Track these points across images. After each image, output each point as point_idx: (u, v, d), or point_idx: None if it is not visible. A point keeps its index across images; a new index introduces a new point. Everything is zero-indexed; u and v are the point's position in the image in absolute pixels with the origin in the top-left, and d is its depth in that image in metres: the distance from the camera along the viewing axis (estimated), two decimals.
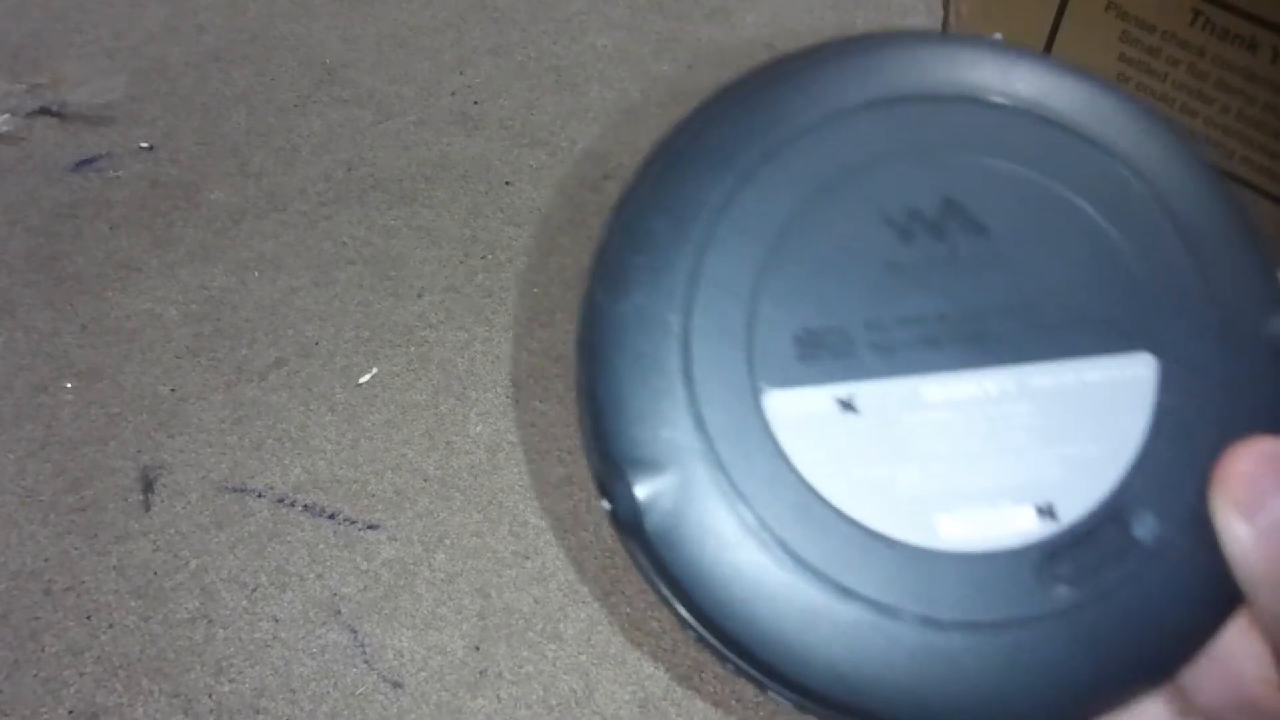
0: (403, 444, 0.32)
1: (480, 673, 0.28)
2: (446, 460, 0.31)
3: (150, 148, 0.38)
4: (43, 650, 0.28)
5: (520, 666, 0.28)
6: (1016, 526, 0.15)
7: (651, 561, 0.15)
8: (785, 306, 0.16)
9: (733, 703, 0.27)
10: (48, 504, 0.31)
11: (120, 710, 0.27)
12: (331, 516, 0.30)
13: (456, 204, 0.36)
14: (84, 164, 0.38)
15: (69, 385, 0.33)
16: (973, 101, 0.17)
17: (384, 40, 0.41)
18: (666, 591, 0.15)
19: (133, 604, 0.29)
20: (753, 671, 0.15)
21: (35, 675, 0.28)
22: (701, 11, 0.41)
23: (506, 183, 0.37)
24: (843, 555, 0.14)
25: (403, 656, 0.28)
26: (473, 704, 0.27)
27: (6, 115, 0.39)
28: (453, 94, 0.39)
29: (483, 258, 0.35)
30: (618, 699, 0.27)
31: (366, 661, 0.28)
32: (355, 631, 0.28)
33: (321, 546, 0.30)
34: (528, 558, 0.30)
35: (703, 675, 0.28)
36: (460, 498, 0.31)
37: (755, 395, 0.15)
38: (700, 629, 0.15)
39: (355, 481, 0.31)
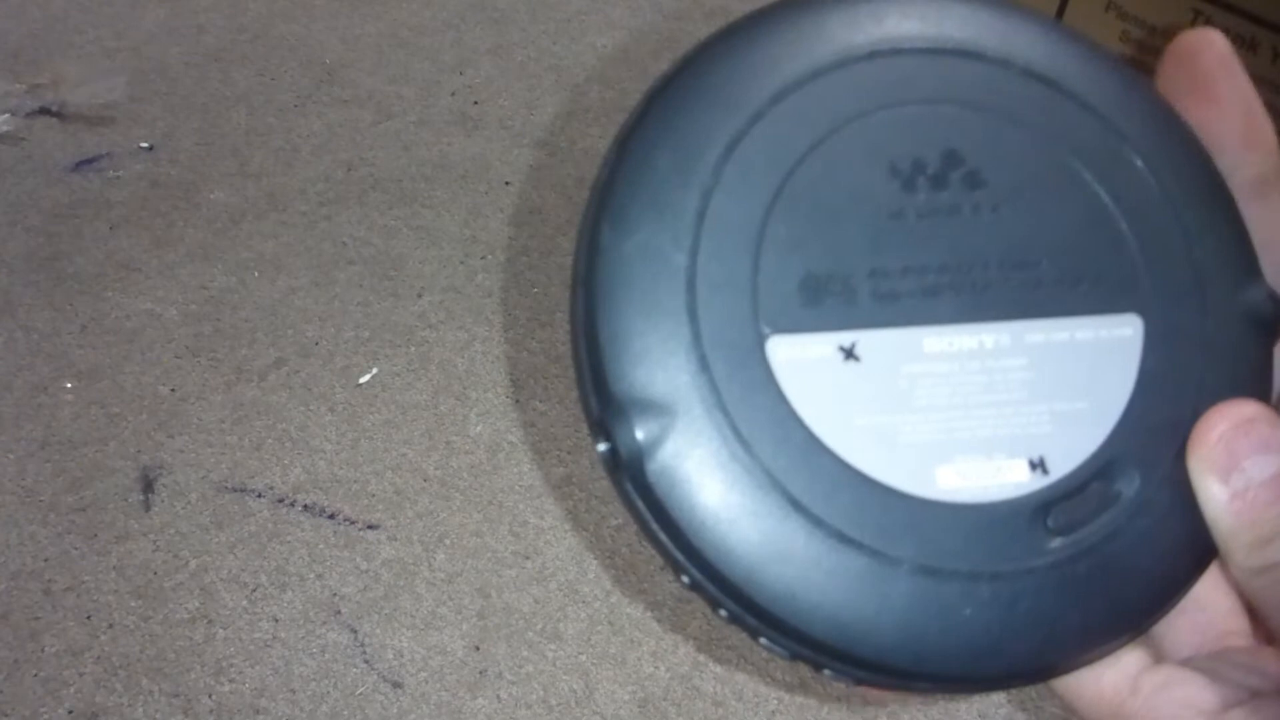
0: (403, 444, 0.32)
1: (480, 673, 0.28)
2: (446, 460, 0.31)
3: (150, 148, 0.38)
4: (43, 650, 0.28)
5: (520, 666, 0.28)
6: (1010, 479, 0.15)
7: (649, 504, 0.15)
8: (790, 251, 0.15)
9: (733, 702, 0.27)
10: (48, 504, 0.31)
11: (120, 710, 0.27)
12: (331, 516, 0.30)
13: (456, 204, 0.36)
14: (84, 164, 0.38)
15: (69, 385, 0.33)
16: (977, 58, 0.17)
17: (384, 40, 0.41)
18: (662, 535, 0.15)
19: (133, 604, 0.29)
20: (747, 618, 0.15)
21: (35, 675, 0.28)
22: (701, 11, 0.41)
23: (506, 183, 0.37)
24: (843, 502, 0.14)
25: (403, 656, 0.28)
26: (473, 704, 0.27)
27: (6, 115, 0.39)
28: (453, 94, 0.39)
29: (483, 258, 0.35)
30: (618, 699, 0.27)
31: (366, 661, 0.28)
32: (355, 631, 0.28)
33: (321, 546, 0.30)
34: (528, 558, 0.30)
35: (702, 675, 0.28)
36: (460, 498, 0.31)
37: (759, 340, 0.15)
38: (695, 573, 0.15)
39: (355, 481, 0.31)
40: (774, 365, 0.15)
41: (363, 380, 0.33)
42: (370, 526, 0.30)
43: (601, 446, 0.15)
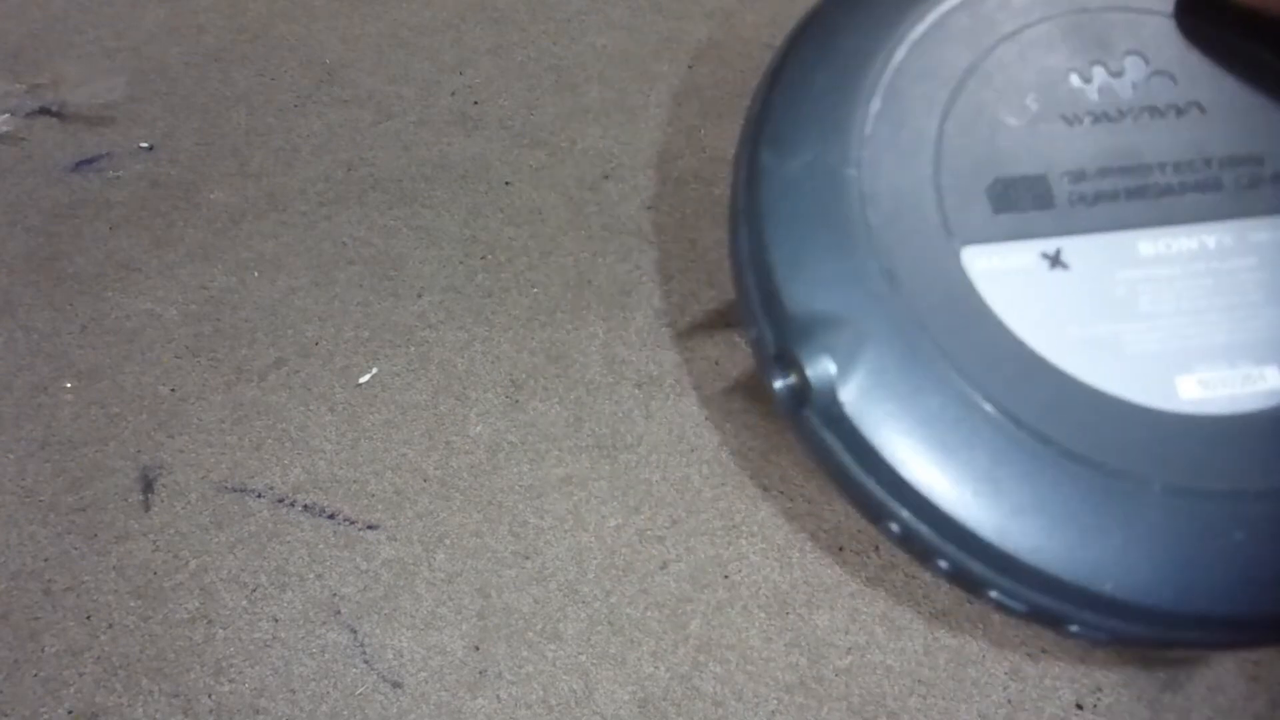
0: (402, 444, 0.32)
1: (480, 673, 0.28)
2: (446, 460, 0.31)
3: (150, 148, 0.38)
4: (42, 650, 0.28)
5: (520, 666, 0.28)
6: (1263, 386, 0.13)
7: (845, 439, 0.13)
8: (973, 156, 0.14)
9: (733, 702, 0.27)
10: (48, 504, 0.31)
11: (120, 710, 0.27)
12: (331, 516, 0.30)
13: (456, 204, 0.36)
14: (84, 164, 0.38)
15: (69, 385, 0.33)
16: None
17: (384, 40, 0.41)
18: (863, 474, 0.13)
19: (133, 604, 0.29)
20: (972, 564, 0.13)
21: (35, 675, 0.28)
22: (701, 11, 0.41)
23: (506, 183, 0.37)
24: (1074, 419, 0.13)
25: (402, 656, 0.28)
26: (473, 704, 0.27)
27: (6, 115, 0.39)
28: (453, 94, 0.39)
29: (483, 258, 0.35)
30: (618, 699, 0.27)
31: (366, 661, 0.28)
32: (355, 631, 0.28)
33: (321, 546, 0.30)
34: (528, 558, 0.30)
35: (702, 675, 0.28)
36: (460, 498, 0.31)
37: (953, 250, 0.14)
38: (907, 516, 0.13)
39: (355, 481, 0.31)
40: (971, 275, 0.13)
41: (363, 380, 0.33)
42: (370, 526, 0.30)
43: (780, 383, 0.13)
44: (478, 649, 0.28)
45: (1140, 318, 0.13)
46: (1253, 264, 0.14)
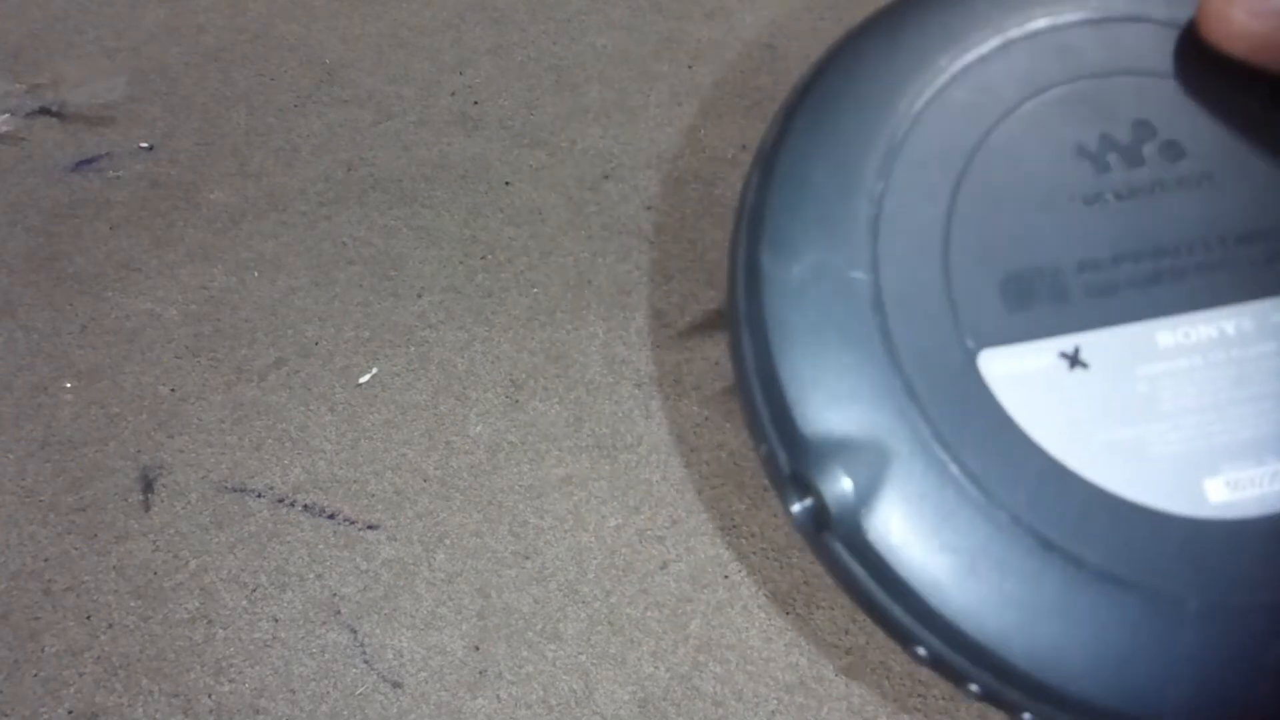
0: (402, 444, 0.32)
1: (480, 673, 0.28)
2: (446, 460, 0.31)
3: (150, 148, 0.38)
4: (42, 650, 0.28)
5: (520, 666, 0.28)
6: None
7: (868, 565, 0.13)
8: (983, 252, 0.13)
9: (733, 702, 0.27)
10: (48, 504, 0.31)
11: (120, 710, 0.27)
12: (331, 516, 0.30)
13: (456, 204, 0.36)
14: (84, 164, 0.38)
15: (69, 385, 0.33)
16: (1144, 21, 0.15)
17: (384, 40, 0.41)
18: (889, 601, 0.13)
19: (133, 604, 0.29)
20: (1006, 690, 0.12)
21: (35, 675, 0.28)
22: (701, 11, 0.41)
23: (506, 183, 0.37)
24: (1102, 534, 0.12)
25: (402, 656, 0.28)
26: (473, 704, 0.27)
27: (6, 115, 0.39)
28: (453, 94, 0.39)
29: (483, 258, 0.35)
30: (618, 699, 0.27)
31: (366, 661, 0.28)
32: (355, 631, 0.28)
33: (321, 546, 0.30)
34: (528, 558, 0.30)
35: (702, 675, 0.28)
36: (460, 498, 0.31)
37: (968, 356, 0.13)
38: (935, 642, 0.12)
39: (355, 481, 0.31)
40: (989, 382, 0.13)
41: (363, 380, 0.33)
42: (370, 526, 0.30)
43: (798, 506, 0.13)
44: (478, 649, 0.28)
45: (1164, 417, 0.13)
46: (1275, 349, 0.13)
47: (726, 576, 0.29)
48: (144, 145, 0.38)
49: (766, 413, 0.13)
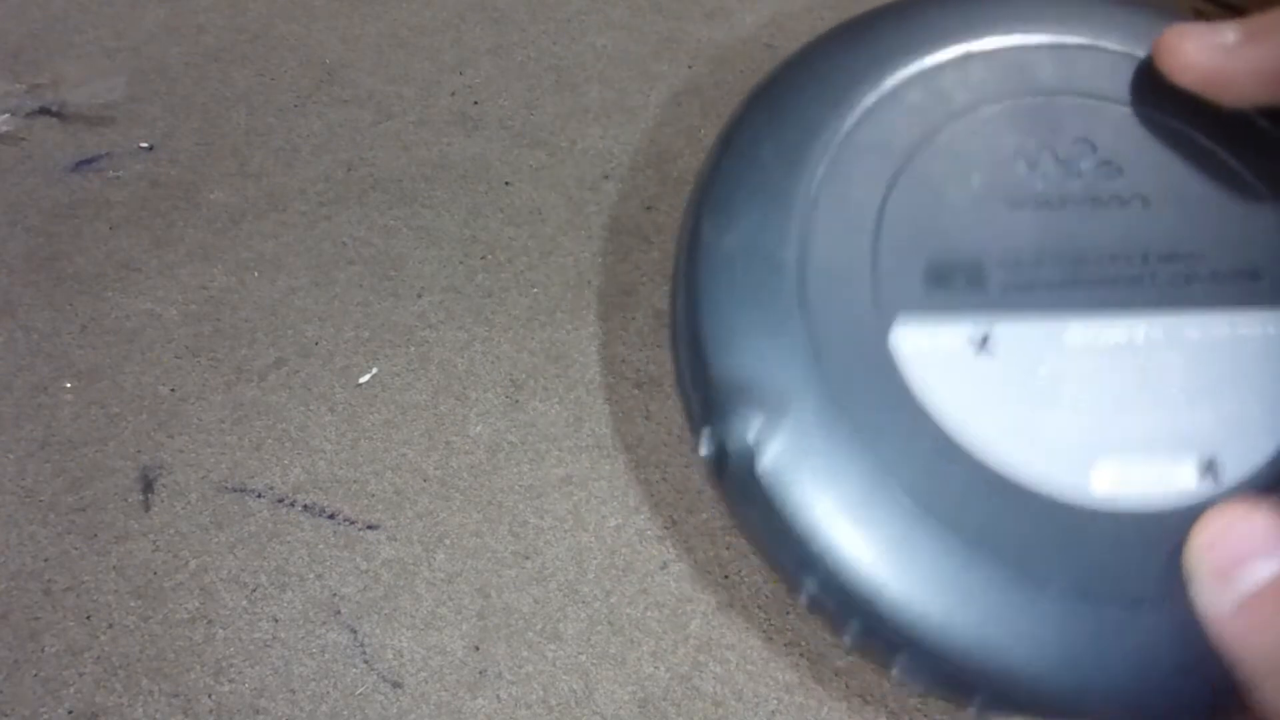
0: (402, 444, 0.32)
1: (480, 673, 0.28)
2: (446, 460, 0.31)
3: (150, 148, 0.38)
4: (42, 650, 0.28)
5: (520, 666, 0.28)
6: (1177, 485, 0.13)
7: (760, 509, 0.13)
8: (911, 237, 0.14)
9: (733, 702, 0.27)
10: (48, 504, 0.31)
11: (120, 710, 0.27)
12: (331, 516, 0.30)
13: (456, 204, 0.36)
14: (84, 164, 0.38)
15: (69, 385, 0.33)
16: (1098, 51, 0.16)
17: (384, 40, 0.41)
18: (775, 544, 0.13)
19: (133, 604, 0.29)
20: (876, 639, 0.13)
21: (35, 675, 0.28)
22: (701, 11, 0.41)
23: (506, 183, 0.37)
24: (979, 509, 0.13)
25: (402, 656, 0.28)
26: (473, 704, 0.27)
27: (6, 115, 0.39)
28: (453, 94, 0.39)
29: (483, 258, 0.35)
30: (618, 699, 0.27)
31: (366, 661, 0.28)
32: (355, 631, 0.29)
33: (321, 546, 0.30)
34: (528, 558, 0.30)
35: (702, 675, 0.28)
36: (460, 498, 0.31)
37: (880, 330, 0.14)
38: (814, 587, 0.13)
39: (355, 481, 0.31)
40: (897, 357, 0.13)
41: (363, 380, 0.33)
42: (370, 526, 0.30)
43: (705, 448, 0.14)
44: (478, 649, 0.28)
45: (1061, 409, 0.13)
46: (1179, 361, 0.14)
47: (726, 576, 0.29)
48: (144, 145, 0.38)
49: (687, 363, 0.14)
